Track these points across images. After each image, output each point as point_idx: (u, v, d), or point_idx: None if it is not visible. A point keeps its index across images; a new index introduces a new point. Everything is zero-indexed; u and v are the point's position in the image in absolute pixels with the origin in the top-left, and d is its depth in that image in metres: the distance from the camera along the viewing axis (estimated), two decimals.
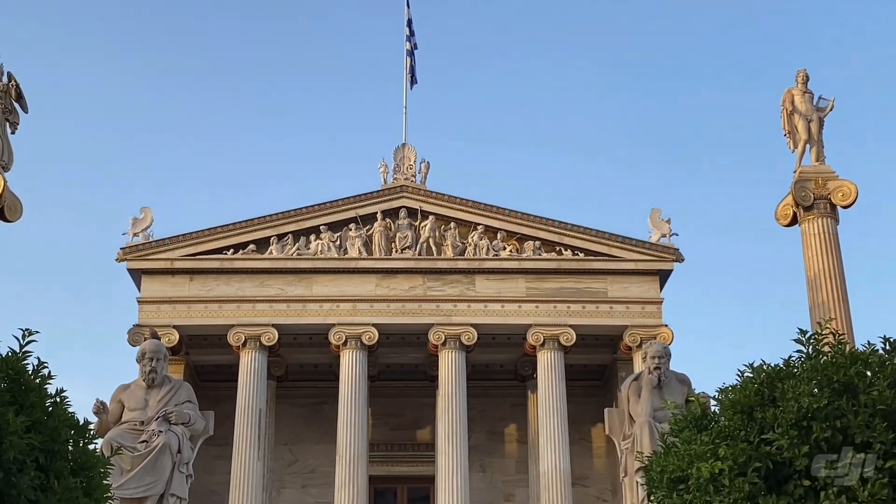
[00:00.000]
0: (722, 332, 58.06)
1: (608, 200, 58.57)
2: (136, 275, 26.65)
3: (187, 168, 62.17)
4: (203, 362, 28.09)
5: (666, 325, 26.16)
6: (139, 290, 26.64)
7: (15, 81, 26.11)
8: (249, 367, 26.18)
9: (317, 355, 27.78)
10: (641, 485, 11.00)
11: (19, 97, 26.24)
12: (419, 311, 26.57)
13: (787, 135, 27.18)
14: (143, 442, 10.93)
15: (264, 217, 27.06)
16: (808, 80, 27.78)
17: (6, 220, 25.00)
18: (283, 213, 27.13)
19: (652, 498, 8.70)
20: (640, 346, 25.95)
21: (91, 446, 8.05)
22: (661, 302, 26.78)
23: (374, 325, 26.30)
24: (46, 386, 7.85)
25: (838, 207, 26.26)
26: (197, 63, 63.53)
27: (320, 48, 63.77)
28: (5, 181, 25.03)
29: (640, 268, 26.90)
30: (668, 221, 27.06)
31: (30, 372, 7.81)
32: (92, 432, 8.13)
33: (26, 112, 26.50)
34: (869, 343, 7.69)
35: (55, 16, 61.56)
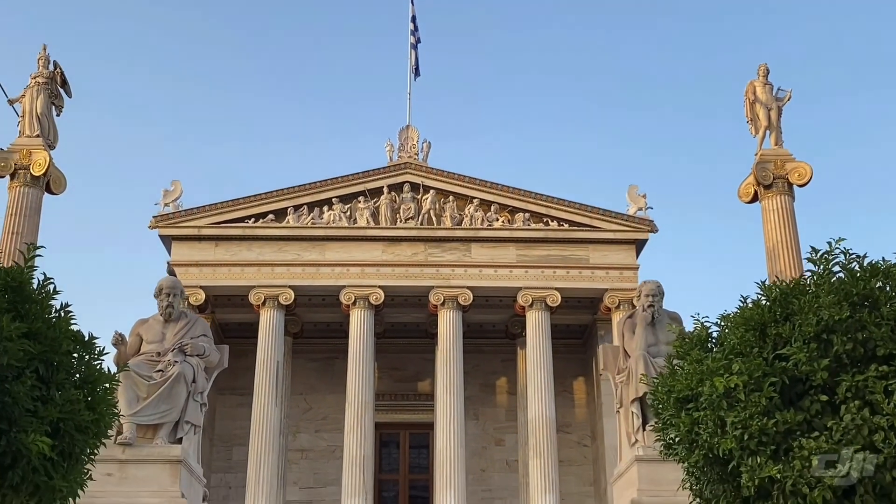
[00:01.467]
0: (691, 295, 58.63)
1: (591, 176, 59.32)
2: (167, 241, 25.58)
3: (213, 145, 61.81)
4: (227, 320, 27.02)
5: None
6: (169, 254, 25.59)
7: (60, 69, 24.88)
8: (268, 324, 25.17)
9: (329, 314, 26.73)
10: (636, 414, 9.89)
11: (64, 83, 25.02)
12: (421, 275, 25.55)
13: (750, 122, 26.18)
14: (158, 371, 9.75)
15: (282, 190, 25.99)
16: (768, 73, 26.73)
17: (52, 193, 23.85)
18: (299, 186, 26.05)
19: (655, 421, 7.53)
20: (618, 307, 25.08)
21: (97, 363, 6.85)
22: (638, 268, 25.77)
23: (380, 287, 25.28)
24: (52, 302, 6.64)
25: (795, 186, 25.40)
26: (221, 53, 63.39)
27: (334, 40, 63.34)
28: (51, 158, 23.82)
29: (619, 237, 25.90)
30: (644, 196, 26.14)
31: (35, 286, 6.62)
32: (99, 349, 6.92)
33: (70, 97, 25.27)
34: (884, 259, 6.51)
35: (93, 8, 60.96)
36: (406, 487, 27.62)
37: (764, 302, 6.54)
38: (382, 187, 26.19)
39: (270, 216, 25.76)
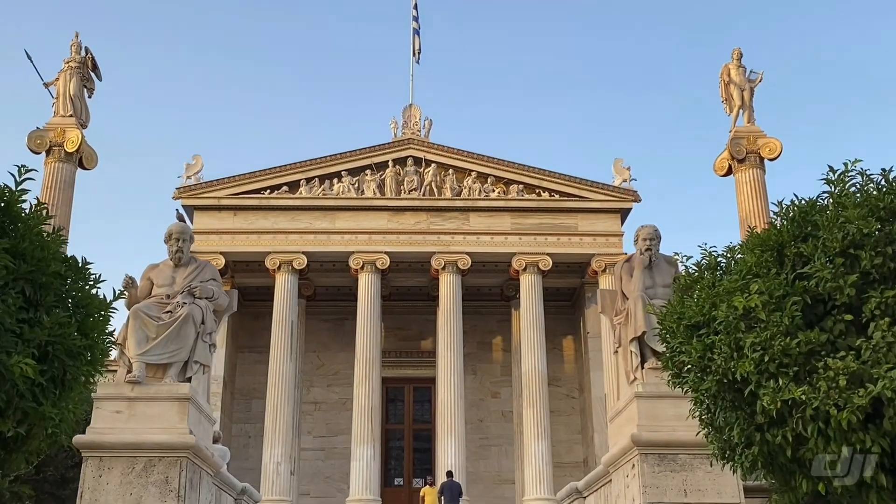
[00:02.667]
0: None
1: (581, 150, 59.32)
2: (189, 211, 24.58)
3: (232, 123, 61.72)
4: (245, 284, 26.04)
5: (626, 254, 24.21)
6: (192, 223, 24.52)
7: (91, 55, 23.83)
8: (283, 287, 24.25)
9: (339, 278, 25.79)
10: (635, 353, 8.94)
11: (95, 67, 23.99)
12: (423, 242, 24.58)
13: (725, 101, 25.26)
14: (167, 313, 8.78)
15: (296, 163, 24.97)
16: (741, 56, 25.82)
17: (84, 168, 22.90)
18: (311, 160, 25.02)
19: (663, 350, 6.56)
20: (604, 271, 24.17)
21: (93, 290, 5.88)
22: (623, 235, 24.81)
23: (386, 253, 24.34)
24: (45, 225, 5.65)
25: (766, 160, 24.48)
26: (242, 42, 63.23)
27: (344, 27, 63.37)
28: (83, 136, 22.83)
29: (605, 207, 24.92)
30: (629, 169, 25.17)
31: (26, 210, 5.63)
32: (95, 276, 5.95)
33: (100, 80, 24.27)
34: None
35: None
36: (410, 436, 26.81)
37: (782, 222, 5.55)
38: (388, 161, 25.21)
39: (284, 188, 24.77)
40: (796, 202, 5.54)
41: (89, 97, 24.55)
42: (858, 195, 5.43)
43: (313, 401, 26.64)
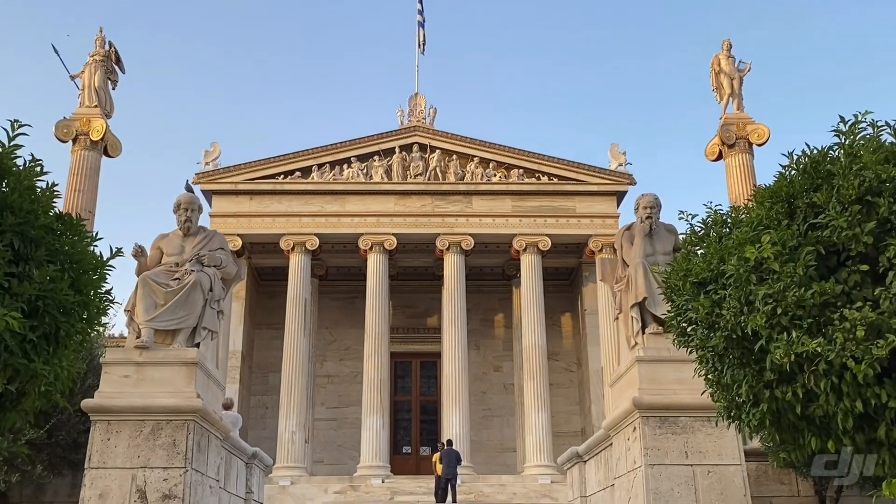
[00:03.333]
0: None
1: (579, 136, 58.80)
2: (208, 195, 24.01)
3: (248, 112, 61.24)
4: (261, 265, 25.60)
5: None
6: (210, 207, 24.03)
7: (115, 49, 23.26)
8: (297, 267, 23.75)
9: (349, 259, 25.26)
10: (635, 318, 8.39)
11: (118, 61, 23.42)
12: (428, 224, 24.01)
13: (715, 90, 24.57)
14: (176, 279, 8.26)
15: (308, 150, 24.39)
16: (731, 47, 25.10)
17: (109, 156, 22.41)
18: (322, 147, 24.44)
19: (668, 308, 6.01)
20: (601, 250, 23.60)
21: (90, 247, 5.35)
22: (619, 216, 24.22)
23: (393, 234, 23.80)
24: (38, 181, 5.10)
25: (754, 146, 23.84)
26: (253, 36, 62.47)
27: (355, 22, 62.59)
28: (107, 125, 22.33)
29: (602, 189, 24.29)
30: (624, 153, 24.51)
31: (20, 165, 5.10)
32: (91, 235, 5.43)
33: (123, 72, 23.69)
34: None
35: None
36: (418, 408, 26.37)
37: (791, 173, 4.99)
38: (394, 147, 24.61)
39: (297, 173, 24.22)
40: (807, 152, 4.98)
41: (113, 89, 24.06)
42: (872, 144, 4.86)
43: (326, 374, 26.20)
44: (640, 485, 7.56)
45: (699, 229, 5.76)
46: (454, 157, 24.61)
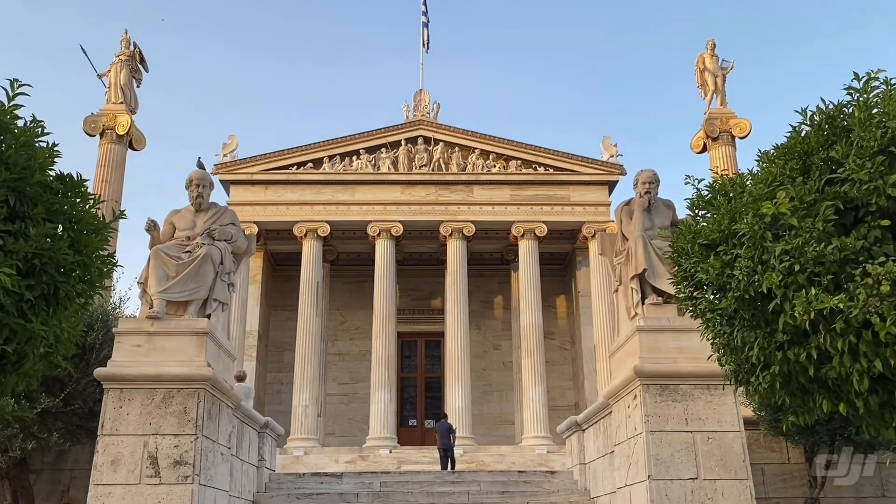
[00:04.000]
0: None
1: (574, 129, 57.98)
2: (226, 185, 23.52)
3: (263, 106, 60.75)
4: (276, 250, 25.08)
5: (612, 222, 22.92)
6: (228, 196, 23.53)
7: (139, 49, 22.68)
8: (309, 252, 23.22)
9: (359, 245, 24.73)
10: (635, 290, 7.88)
11: (142, 60, 22.83)
12: (432, 212, 23.45)
13: (700, 87, 23.97)
14: (187, 252, 7.76)
15: (319, 143, 23.81)
16: (715, 46, 24.49)
17: (134, 150, 21.89)
18: (333, 139, 23.86)
19: (674, 271, 5.47)
20: (594, 237, 23.06)
21: (91, 207, 4.84)
22: (610, 205, 23.61)
23: (400, 221, 23.25)
24: (38, 142, 4.60)
25: (737, 139, 23.28)
26: (267, 35, 61.90)
27: (363, 22, 61.91)
28: (132, 120, 21.81)
29: (595, 179, 23.70)
30: (616, 145, 23.93)
31: (21, 126, 4.58)
32: (94, 196, 4.91)
33: (147, 71, 23.10)
34: None
35: None
36: (423, 384, 25.90)
37: (806, 128, 4.46)
38: (401, 140, 24.03)
39: (310, 164, 23.66)
40: (822, 107, 4.45)
41: (137, 86, 23.55)
42: (891, 96, 4.33)
43: (337, 352, 25.74)
44: (641, 451, 7.07)
45: (706, 193, 5.25)
46: (456, 149, 24.05)
